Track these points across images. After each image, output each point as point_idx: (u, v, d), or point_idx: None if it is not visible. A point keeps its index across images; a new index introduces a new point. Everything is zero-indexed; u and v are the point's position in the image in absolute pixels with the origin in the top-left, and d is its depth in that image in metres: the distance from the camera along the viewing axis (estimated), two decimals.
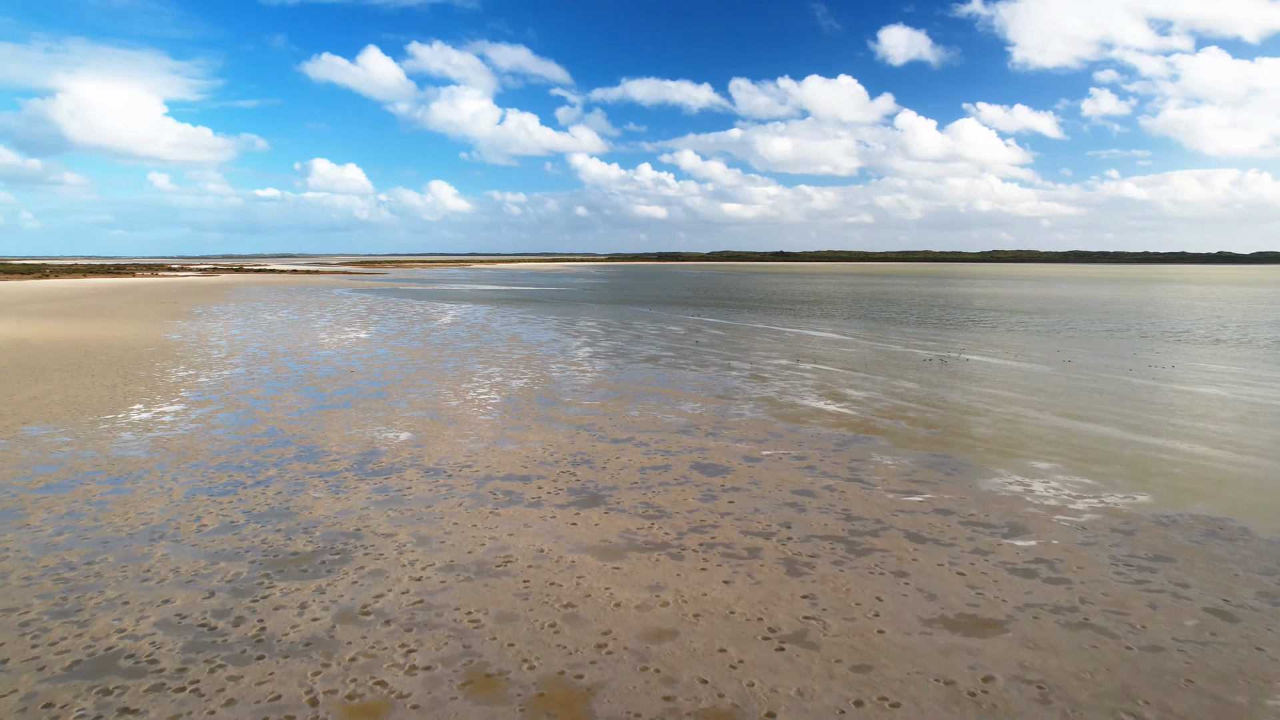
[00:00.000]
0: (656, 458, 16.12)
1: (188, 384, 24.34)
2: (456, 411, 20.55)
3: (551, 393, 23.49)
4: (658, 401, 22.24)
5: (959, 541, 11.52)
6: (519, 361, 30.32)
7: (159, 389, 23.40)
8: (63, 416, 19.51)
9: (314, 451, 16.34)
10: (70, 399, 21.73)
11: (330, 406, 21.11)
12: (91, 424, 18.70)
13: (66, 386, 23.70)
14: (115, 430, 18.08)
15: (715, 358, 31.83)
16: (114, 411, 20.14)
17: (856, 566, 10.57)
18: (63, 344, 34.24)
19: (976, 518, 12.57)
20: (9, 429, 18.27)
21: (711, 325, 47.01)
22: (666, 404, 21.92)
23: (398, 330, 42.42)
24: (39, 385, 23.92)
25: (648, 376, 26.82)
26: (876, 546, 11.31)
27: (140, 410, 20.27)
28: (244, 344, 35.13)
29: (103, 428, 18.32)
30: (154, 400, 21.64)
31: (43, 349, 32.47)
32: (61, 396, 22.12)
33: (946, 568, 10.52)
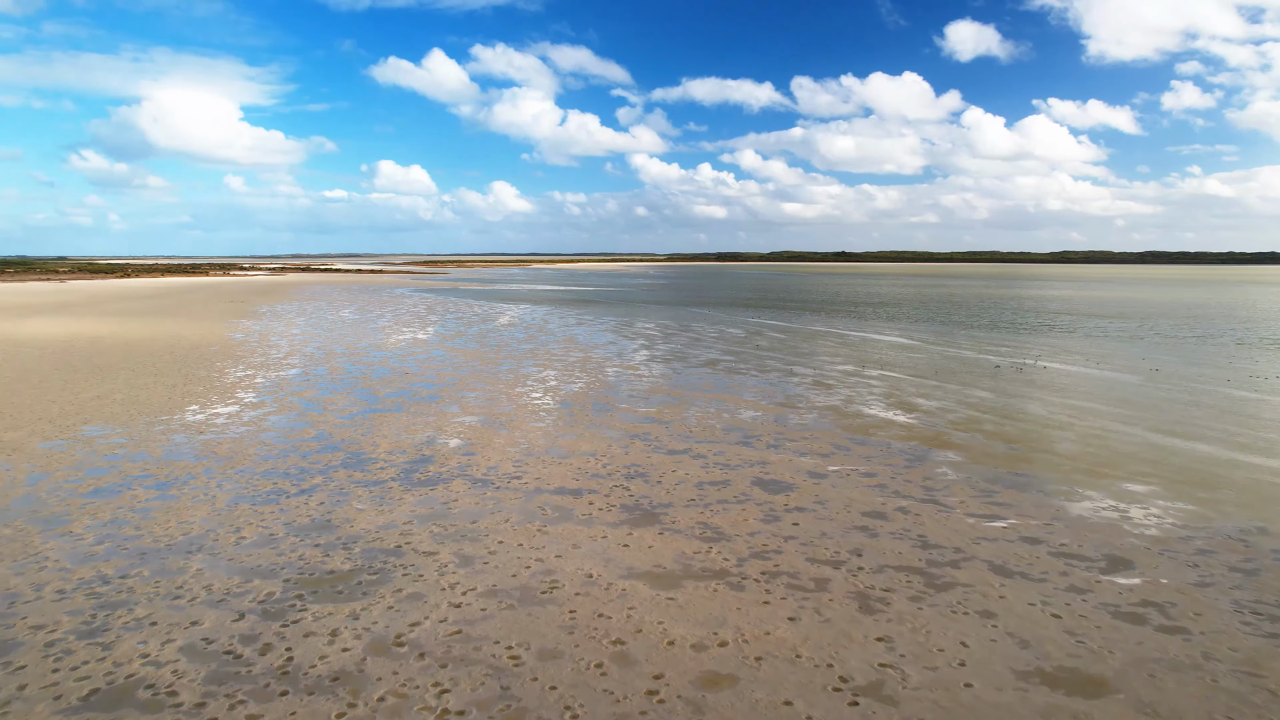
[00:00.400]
0: (715, 472, 15.21)
1: (244, 384, 24.37)
2: (508, 417, 19.97)
3: (606, 398, 22.77)
4: (716, 409, 21.31)
5: (1051, 576, 10.34)
6: (574, 364, 29.71)
7: (216, 389, 23.45)
8: (121, 417, 19.57)
9: (361, 459, 15.91)
10: (131, 398, 21.88)
11: (382, 410, 20.76)
12: (147, 425, 18.68)
13: (130, 385, 23.95)
14: (169, 432, 18.00)
15: (776, 362, 30.72)
16: (170, 412, 20.14)
17: (937, 604, 9.51)
18: (133, 342, 34.98)
19: (1069, 548, 11.35)
20: (70, 428, 18.36)
21: (772, 328, 45.78)
22: (725, 412, 20.97)
23: (455, 331, 42.35)
24: (105, 384, 24.24)
25: (706, 382, 25.90)
26: (958, 580, 10.22)
27: (195, 411, 20.24)
28: (303, 344, 35.38)
29: (157, 429, 18.26)
30: (210, 401, 21.64)
31: (114, 347, 33.19)
32: (124, 396, 22.30)
33: (1039, 608, 9.38)
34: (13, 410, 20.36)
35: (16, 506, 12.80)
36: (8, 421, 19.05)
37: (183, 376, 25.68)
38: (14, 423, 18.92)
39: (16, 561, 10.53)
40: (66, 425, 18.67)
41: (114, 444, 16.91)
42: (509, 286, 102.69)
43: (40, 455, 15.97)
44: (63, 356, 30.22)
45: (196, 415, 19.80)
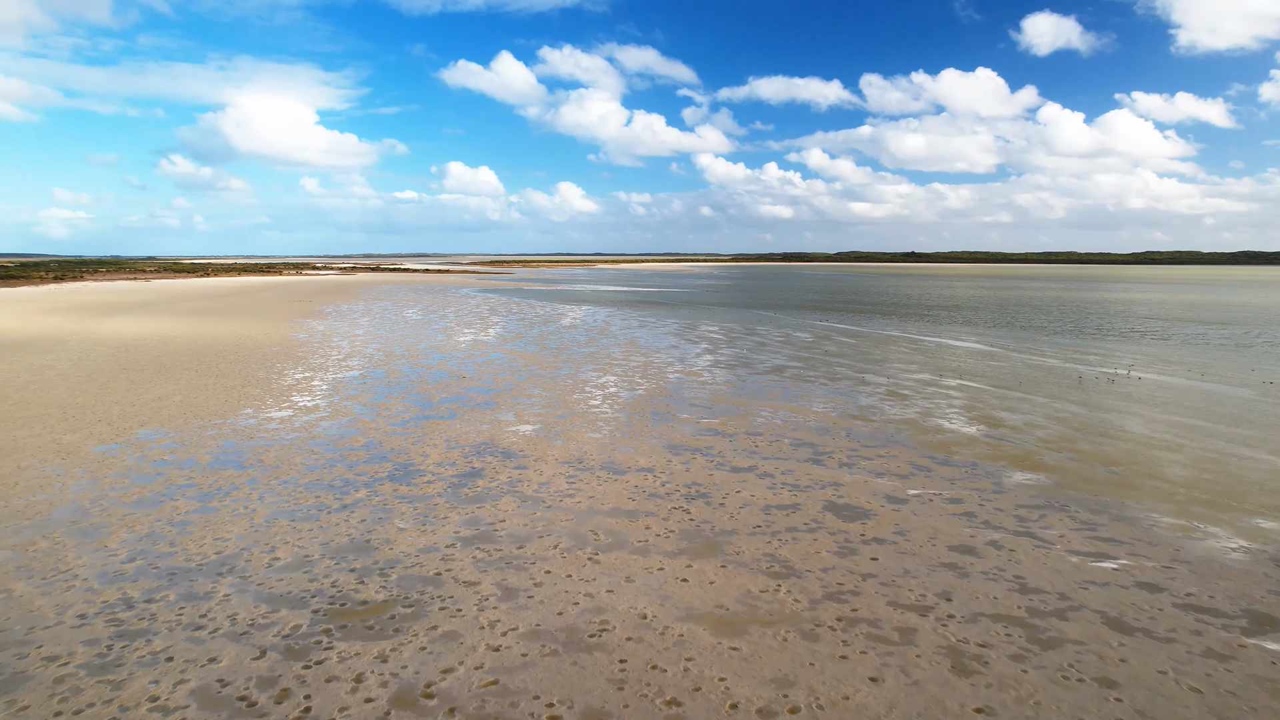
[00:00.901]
0: (783, 494, 14.00)
1: (301, 387, 24.13)
2: (564, 427, 19.10)
3: (667, 407, 21.71)
4: (784, 421, 20.04)
5: (1181, 635, 8.86)
6: (635, 370, 28.75)
7: (272, 392, 23.24)
8: (177, 420, 19.40)
9: (409, 470, 15.21)
10: (189, 400, 21.80)
11: (435, 417, 20.14)
12: (200, 429, 18.42)
13: (191, 386, 23.96)
14: (220, 437, 17.67)
15: (847, 370, 29.19)
16: (224, 416, 19.89)
17: (1044, 666, 8.17)
18: (200, 342, 35.47)
19: (1197, 599, 9.81)
20: (126, 430, 18.22)
21: (841, 332, 44.03)
22: (794, 425, 19.69)
23: (516, 333, 41.89)
24: (167, 384, 24.31)
25: (773, 391, 24.61)
26: (1067, 635, 8.84)
27: (249, 416, 19.94)
28: (364, 345, 35.32)
29: (209, 434, 17.96)
30: (264, 405, 21.37)
31: (182, 347, 33.65)
32: (183, 398, 22.25)
33: (1172, 679, 7.95)
34: (78, 411, 20.41)
35: (59, 516, 12.44)
36: (70, 422, 19.05)
37: (242, 378, 25.63)
38: (76, 424, 18.90)
39: (46, 579, 10.05)
40: (124, 428, 18.55)
41: (165, 449, 16.62)
42: (572, 287, 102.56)
43: (93, 460, 15.75)
44: (133, 356, 30.68)
45: (249, 420, 19.49)
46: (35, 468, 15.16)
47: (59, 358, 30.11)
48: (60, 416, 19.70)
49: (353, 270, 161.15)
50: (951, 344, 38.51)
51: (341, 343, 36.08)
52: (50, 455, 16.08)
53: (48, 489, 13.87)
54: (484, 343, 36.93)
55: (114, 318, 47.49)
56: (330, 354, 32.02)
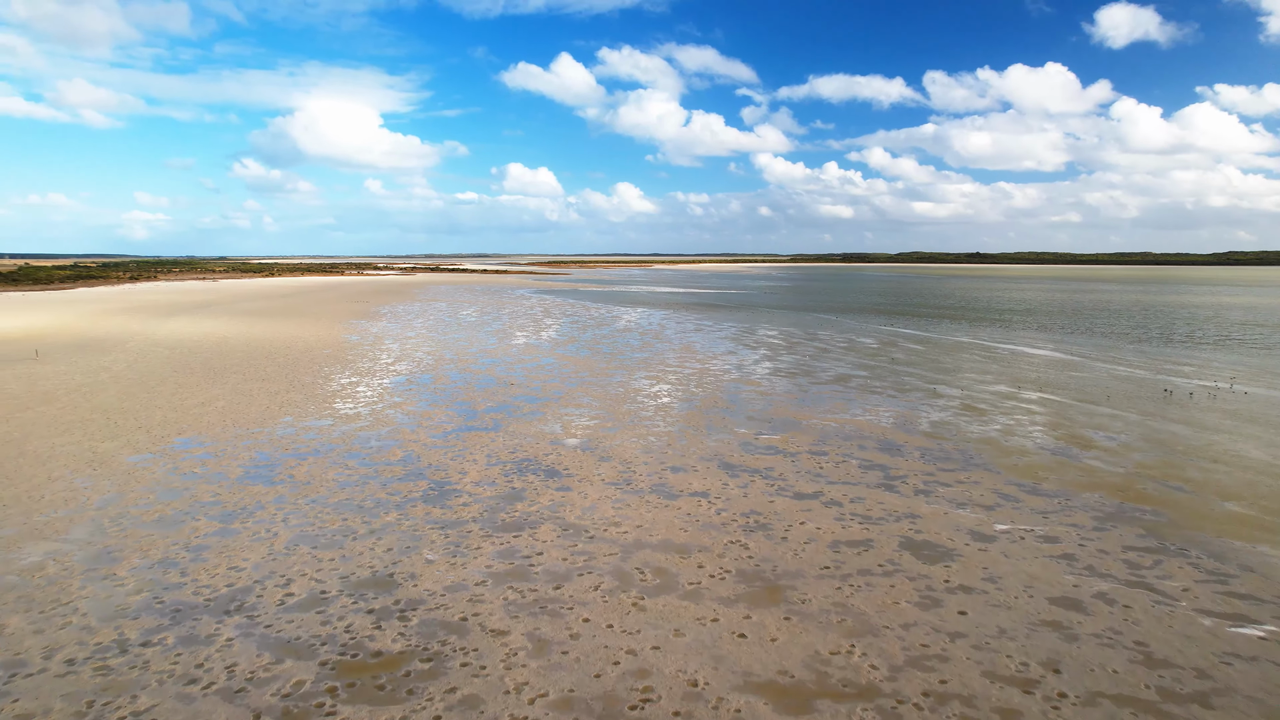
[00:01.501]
0: (853, 526, 12.52)
1: (345, 393, 23.45)
2: (613, 442, 17.89)
3: (724, 421, 20.33)
4: (851, 439, 18.48)
5: None
6: (690, 378, 27.41)
7: (315, 399, 22.60)
8: (215, 428, 18.82)
9: (445, 490, 14.18)
10: (231, 407, 21.28)
11: (478, 429, 19.15)
12: (236, 438, 17.76)
13: (235, 392, 23.51)
14: (255, 448, 16.96)
15: (916, 380, 27.34)
16: (263, 424, 19.25)
17: None
18: (253, 344, 35.39)
19: None
20: (163, 439, 17.68)
21: (908, 338, 41.91)
22: (862, 443, 18.12)
23: (568, 336, 40.93)
24: (213, 389, 23.93)
25: (837, 403, 23.00)
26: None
27: (287, 425, 19.25)
28: (414, 348, 34.75)
29: (244, 444, 17.28)
30: (305, 412, 20.69)
31: (235, 349, 33.56)
32: (225, 404, 21.76)
33: None
34: (120, 416, 20.04)
35: (76, 536, 11.73)
36: (111, 429, 18.62)
37: (287, 383, 25.13)
38: (116, 431, 18.46)
39: (44, 613, 9.24)
40: (161, 435, 18.02)
41: (197, 460, 15.96)
42: (628, 289, 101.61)
43: (123, 472, 15.15)
44: (186, 358, 30.61)
45: (287, 429, 18.79)
46: (65, 479, 14.60)
47: (116, 359, 30.19)
48: (102, 422, 19.31)
49: (412, 271, 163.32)
50: (1027, 351, 36.14)
51: (392, 345, 35.59)
52: (83, 465, 15.54)
53: (72, 503, 13.23)
54: (535, 347, 36.03)
55: (176, 318, 48.15)
56: (379, 357, 31.48)
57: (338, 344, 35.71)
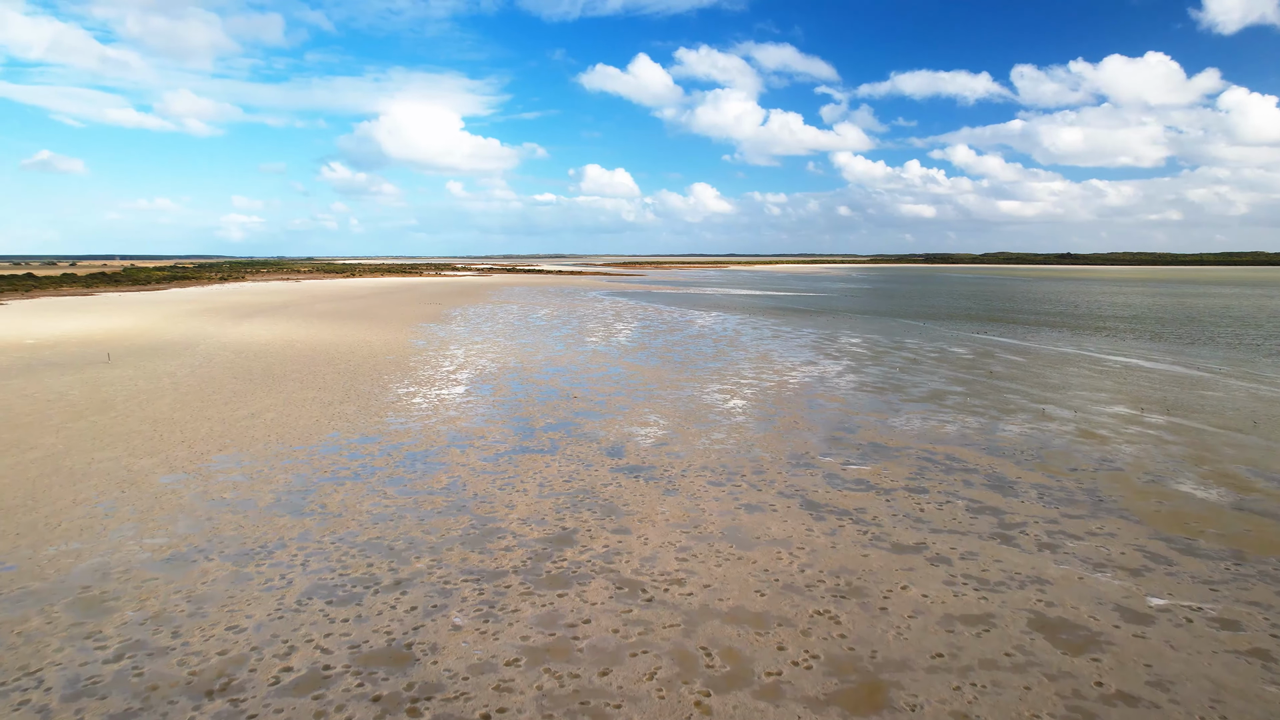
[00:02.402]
0: (967, 594, 10.27)
1: (399, 405, 22.19)
2: (680, 470, 15.97)
3: (805, 446, 18.17)
4: (953, 472, 16.08)
5: None
6: (767, 392, 25.25)
7: (368, 411, 21.39)
8: (258, 444, 17.71)
9: (487, 529, 12.51)
10: (280, 420, 20.23)
11: (534, 450, 17.51)
12: (276, 457, 16.56)
13: (288, 402, 22.55)
14: (293, 469, 15.69)
15: (1020, 398, 24.50)
16: (308, 440, 18.05)
17: None
18: (319, 348, 34.84)
19: None
20: (202, 456, 16.64)
21: (1004, 347, 38.60)
22: (966, 476, 15.72)
23: (638, 343, 39.16)
24: (267, 398, 23.05)
25: (933, 425, 20.51)
26: None
27: (332, 442, 18.00)
28: (478, 355, 33.54)
29: (283, 464, 16.04)
30: (354, 427, 19.45)
31: (299, 354, 33.01)
32: (275, 416, 20.75)
33: None
34: (168, 428, 19.21)
35: (74, 578, 10.51)
36: (154, 443, 17.74)
37: (344, 392, 24.08)
38: (158, 445, 17.55)
39: (1, 686, 7.90)
40: (202, 451, 17.00)
41: (230, 482, 14.76)
42: (703, 290, 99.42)
43: (151, 495, 14.04)
44: (249, 363, 30.09)
45: (331, 446, 17.52)
46: (89, 503, 13.55)
47: (182, 364, 29.90)
48: (149, 435, 18.47)
49: (488, 272, 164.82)
50: (1143, 365, 32.52)
51: (457, 351, 34.49)
52: (113, 486, 14.51)
53: (87, 534, 12.10)
54: (603, 354, 34.37)
55: (251, 320, 48.46)
56: (442, 365, 30.32)
57: (403, 349, 34.83)
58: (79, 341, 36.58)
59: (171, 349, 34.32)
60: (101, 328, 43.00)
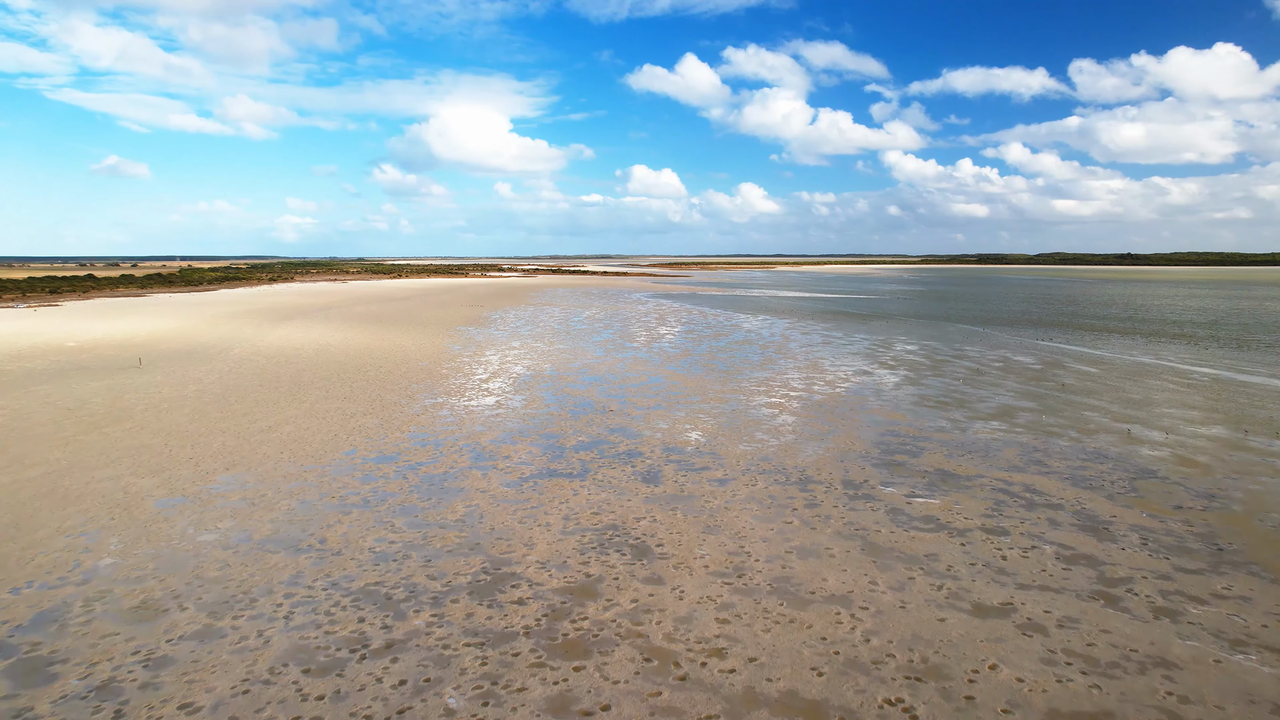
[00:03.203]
0: (1075, 679, 8.36)
1: (424, 419, 20.85)
2: (723, 502, 14.26)
3: (863, 473, 16.29)
4: (1036, 508, 14.07)
5: None
6: (819, 408, 23.35)
7: (391, 424, 20.08)
8: (269, 462, 16.49)
9: (500, 574, 10.96)
10: (298, 433, 19.04)
11: (562, 474, 15.95)
12: (285, 478, 15.28)
13: (310, 413, 21.39)
14: (299, 493, 14.37)
15: (1101, 416, 22.19)
16: (321, 459, 16.77)
17: None
18: (351, 353, 33.88)
19: None
20: (207, 476, 15.46)
21: (1074, 356, 35.94)
22: (1053, 514, 13.70)
23: (681, 349, 37.44)
24: (289, 409, 21.94)
25: (1006, 449, 18.43)
26: None
27: (346, 461, 16.68)
28: (514, 362, 32.18)
29: (290, 487, 14.74)
30: (373, 443, 18.14)
31: (331, 360, 32.06)
32: (293, 429, 19.57)
33: None
34: (179, 443, 18.15)
35: (28, 630, 9.25)
36: (159, 460, 16.65)
37: (368, 402, 22.87)
38: (163, 464, 16.45)
39: None
40: (208, 471, 15.82)
41: (229, 509, 13.48)
42: (750, 293, 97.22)
43: (142, 524, 12.83)
44: (278, 369, 29.18)
45: (344, 465, 16.20)
46: (73, 532, 12.38)
47: (211, 369, 29.12)
48: (158, 450, 17.41)
49: (534, 273, 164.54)
50: (1234, 378, 29.69)
51: (492, 358, 33.19)
52: (103, 512, 13.34)
53: (58, 572, 10.88)
54: (644, 361, 32.74)
55: (289, 323, 47.97)
56: (475, 373, 29.01)
57: (437, 355, 33.65)
58: (118, 344, 36.24)
59: (205, 353, 33.67)
60: (143, 330, 42.82)
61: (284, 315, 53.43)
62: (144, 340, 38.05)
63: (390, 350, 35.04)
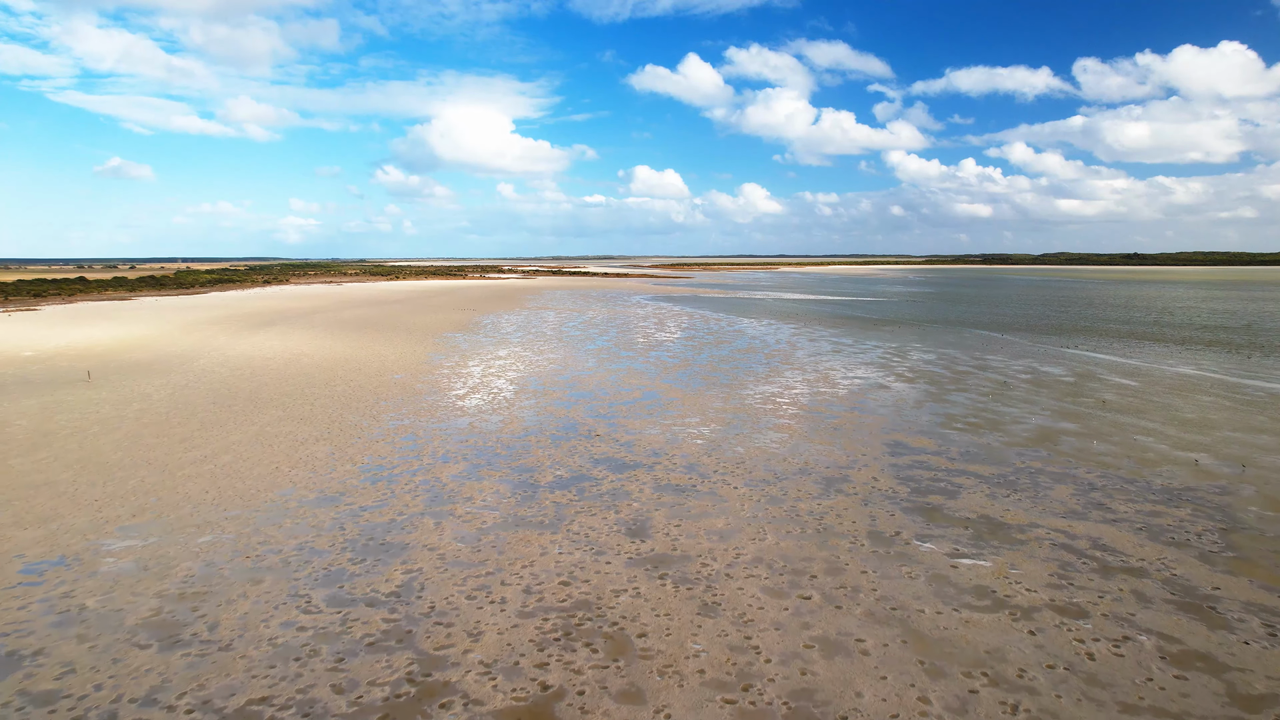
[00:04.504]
0: None
1: (382, 446, 18.19)
2: (724, 567, 11.59)
3: (893, 522, 13.61)
4: (1113, 573, 11.37)
5: None
6: (833, 430, 20.65)
7: (344, 453, 17.44)
8: (186, 505, 13.87)
9: (427, 688, 8.30)
10: (233, 465, 16.42)
11: (530, 523, 13.30)
12: (197, 530, 12.65)
13: (255, 439, 18.77)
14: (206, 552, 11.73)
15: (1155, 440, 19.46)
16: (251, 502, 14.12)
17: None
18: (325, 364, 31.26)
19: None
20: (99, 529, 12.85)
21: (1106, 366, 33.11)
22: (1139, 585, 11.02)
23: (680, 358, 34.71)
24: (233, 433, 19.32)
25: (1059, 489, 15.71)
26: None
27: (278, 504, 14.03)
28: (498, 374, 29.51)
29: (198, 544, 12.10)
30: (315, 480, 15.49)
31: (301, 371, 29.45)
32: (230, 460, 16.95)
33: None
34: (89, 479, 15.56)
35: None
36: (54, 505, 14.05)
37: (325, 424, 20.23)
38: (57, 508, 13.84)
39: None
40: (106, 520, 13.21)
41: (110, 577, 10.86)
42: (753, 295, 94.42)
43: None
44: (239, 384, 26.57)
45: (273, 513, 13.55)
46: None
47: (165, 383, 26.52)
48: (60, 490, 14.82)
49: (533, 274, 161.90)
50: None
51: (474, 369, 30.53)
52: None
53: None
54: (639, 373, 30.05)
55: (269, 329, 45.39)
56: (452, 388, 26.36)
57: (416, 366, 31.00)
58: (77, 354, 33.68)
59: (167, 364, 31.09)
60: (110, 338, 40.28)
61: (266, 321, 50.85)
62: (106, 350, 35.49)
63: (367, 360, 32.41)
